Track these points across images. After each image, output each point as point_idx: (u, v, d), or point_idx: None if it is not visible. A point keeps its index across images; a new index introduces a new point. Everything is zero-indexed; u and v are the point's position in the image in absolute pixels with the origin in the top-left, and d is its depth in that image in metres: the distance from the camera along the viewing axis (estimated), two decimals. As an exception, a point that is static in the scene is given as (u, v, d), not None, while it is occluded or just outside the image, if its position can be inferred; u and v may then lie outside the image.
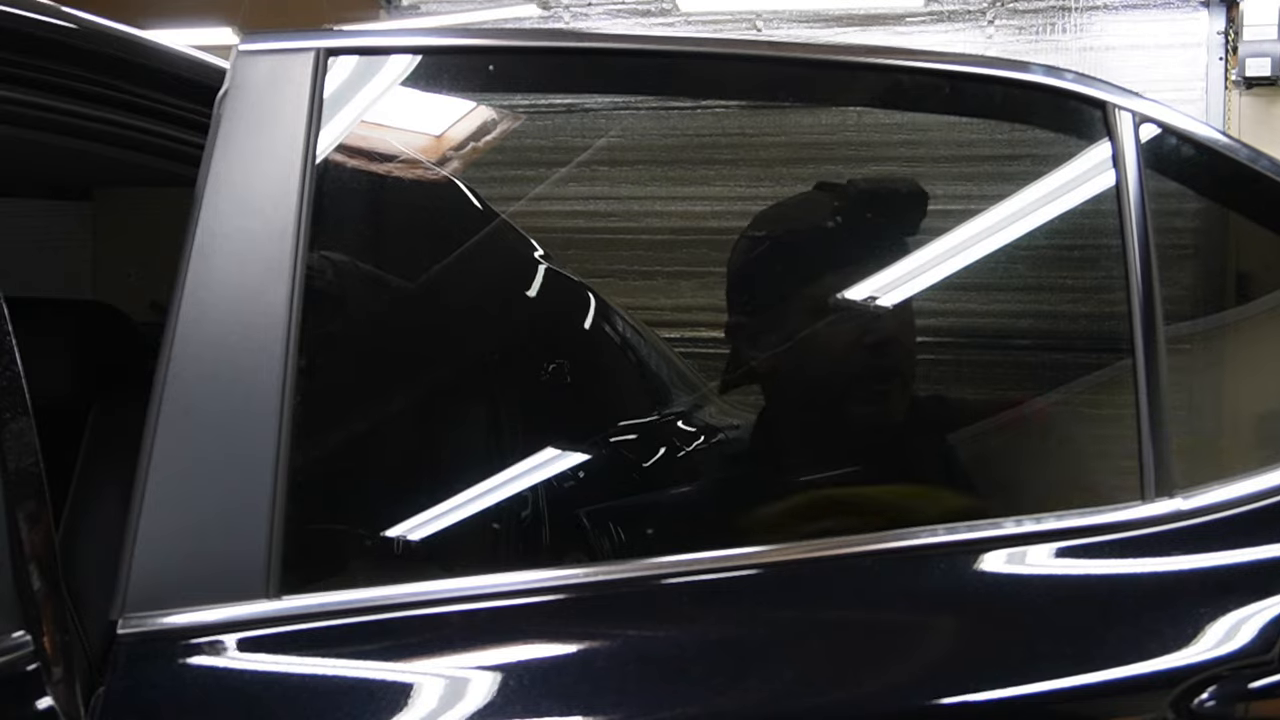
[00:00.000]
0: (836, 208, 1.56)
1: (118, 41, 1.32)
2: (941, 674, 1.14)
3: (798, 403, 1.59)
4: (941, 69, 1.40)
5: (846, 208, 1.55)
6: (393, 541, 1.30)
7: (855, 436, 1.53)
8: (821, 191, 1.65)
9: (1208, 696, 1.14)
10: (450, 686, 1.03)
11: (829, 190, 1.63)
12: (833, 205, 1.57)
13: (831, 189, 1.63)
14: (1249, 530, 1.27)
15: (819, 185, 1.67)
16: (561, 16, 6.49)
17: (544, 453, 1.51)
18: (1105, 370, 1.55)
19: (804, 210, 1.61)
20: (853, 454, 1.52)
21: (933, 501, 1.46)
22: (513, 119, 1.75)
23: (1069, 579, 1.24)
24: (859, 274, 1.53)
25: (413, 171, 1.51)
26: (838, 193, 1.61)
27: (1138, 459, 1.25)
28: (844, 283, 1.52)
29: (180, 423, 1.04)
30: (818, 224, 1.57)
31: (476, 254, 1.62)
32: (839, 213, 1.56)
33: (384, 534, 1.30)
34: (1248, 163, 1.45)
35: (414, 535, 1.30)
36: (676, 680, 1.08)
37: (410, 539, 1.30)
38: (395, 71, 1.27)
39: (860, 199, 1.58)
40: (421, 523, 1.32)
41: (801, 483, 1.48)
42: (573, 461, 1.53)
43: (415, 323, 1.50)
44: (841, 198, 1.58)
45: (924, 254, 1.54)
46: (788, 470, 1.55)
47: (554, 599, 1.12)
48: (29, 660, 0.95)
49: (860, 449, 1.52)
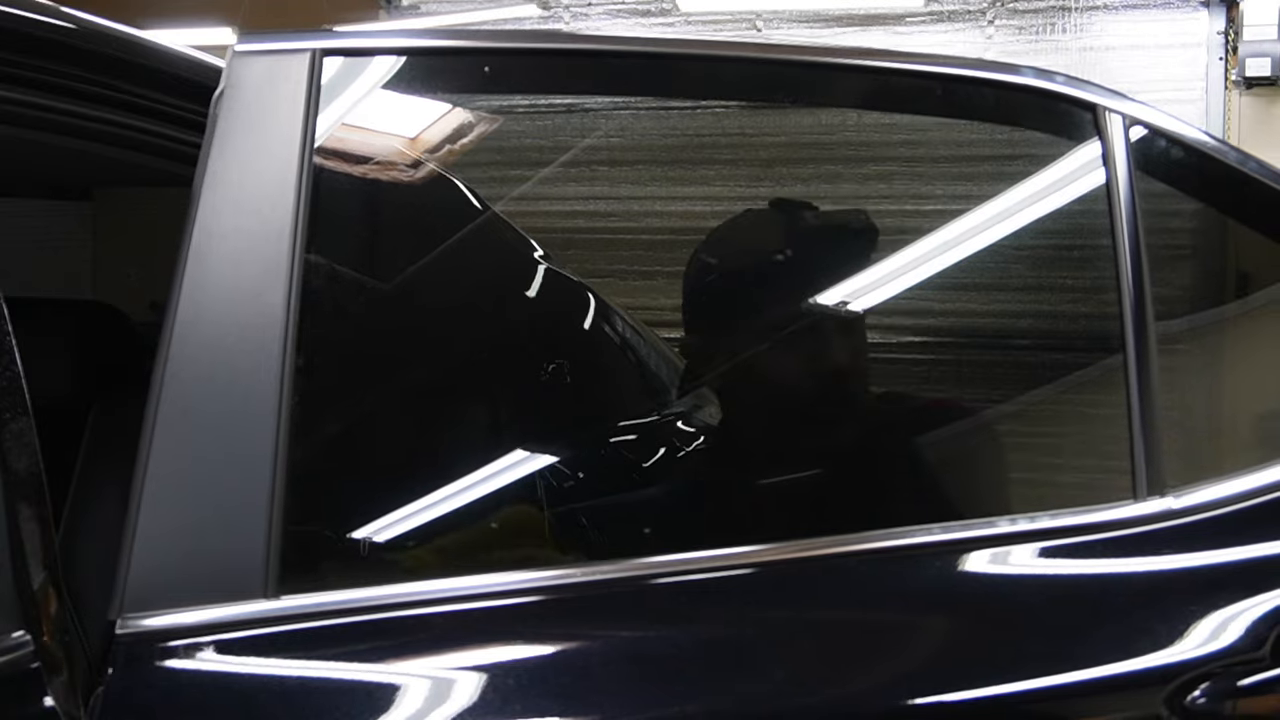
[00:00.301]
0: (787, 238, 1.58)
1: (117, 41, 1.32)
2: (933, 673, 1.15)
3: (746, 418, 1.61)
4: (934, 71, 1.41)
5: (798, 239, 1.57)
6: (391, 541, 1.30)
7: (803, 452, 1.55)
8: (775, 215, 1.66)
9: (1200, 694, 1.14)
10: (447, 686, 1.03)
11: (784, 213, 1.64)
12: (783, 235, 1.58)
13: (786, 212, 1.64)
14: (1240, 529, 1.27)
15: (775, 203, 1.68)
16: (561, 17, 6.50)
17: (544, 453, 1.51)
18: (1094, 369, 1.55)
19: (755, 237, 1.61)
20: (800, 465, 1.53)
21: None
22: (510, 119, 1.75)
23: (1061, 578, 1.24)
24: (806, 301, 1.55)
25: (409, 171, 1.52)
26: (789, 219, 1.62)
27: (1129, 458, 1.25)
28: (791, 309, 1.55)
29: (178, 423, 1.04)
30: (767, 253, 1.58)
31: (475, 254, 1.62)
32: (790, 243, 1.57)
33: (382, 534, 1.30)
34: (1236, 165, 1.45)
35: (413, 535, 1.31)
36: (668, 680, 1.08)
37: (410, 539, 1.30)
38: (391, 72, 1.27)
39: (813, 231, 1.59)
40: (421, 522, 1.32)
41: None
42: (572, 461, 1.53)
43: (413, 322, 1.50)
44: (793, 227, 1.60)
45: (915, 253, 1.55)
46: (739, 481, 1.57)
47: (549, 599, 1.12)
48: (29, 660, 0.95)
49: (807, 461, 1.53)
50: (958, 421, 1.65)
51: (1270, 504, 1.29)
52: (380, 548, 1.29)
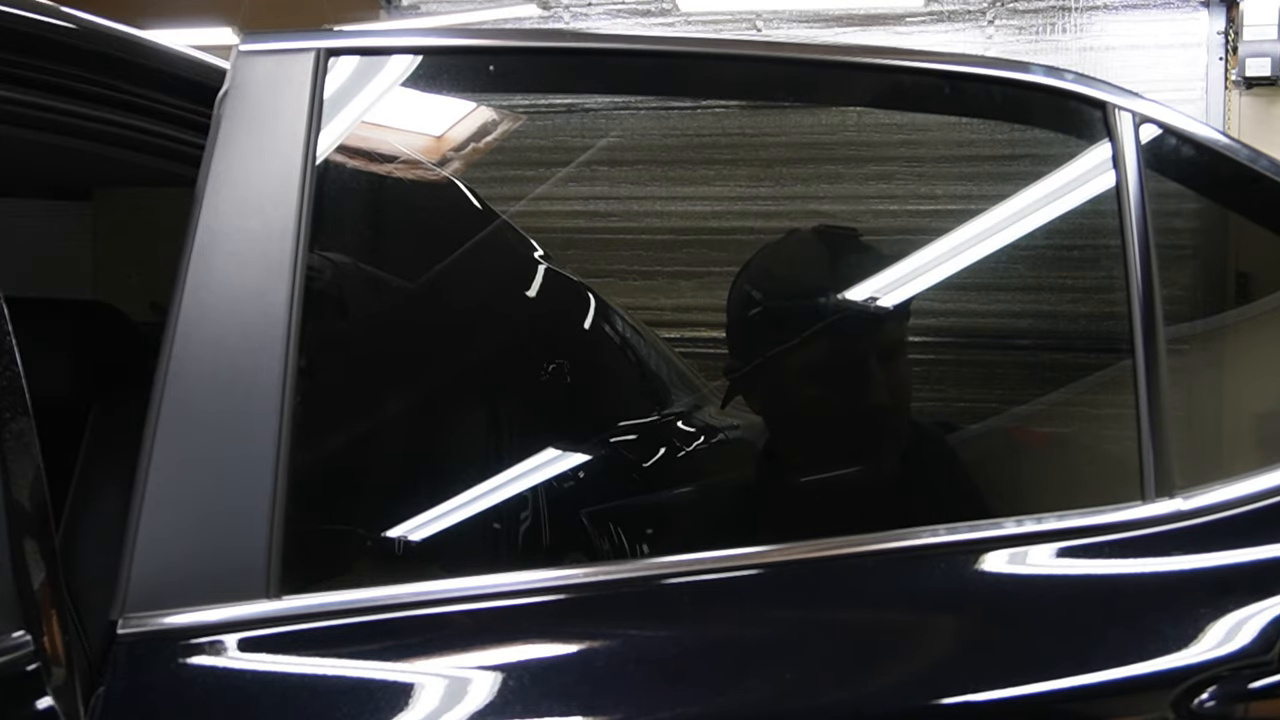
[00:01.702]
0: (833, 260, 1.57)
1: (117, 41, 1.32)
2: (942, 674, 1.14)
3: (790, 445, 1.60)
4: (942, 69, 1.40)
5: (844, 260, 1.57)
6: (393, 541, 1.30)
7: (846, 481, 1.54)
8: (819, 242, 1.65)
9: (1208, 697, 1.14)
10: (451, 687, 1.03)
11: (827, 240, 1.64)
12: (829, 258, 1.58)
13: (832, 238, 1.64)
14: (1249, 531, 1.27)
15: (818, 231, 1.67)
16: (561, 16, 6.50)
17: (544, 453, 1.51)
18: (1106, 370, 1.55)
19: (799, 265, 1.61)
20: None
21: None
22: (513, 119, 1.75)
23: (1070, 579, 1.24)
24: (850, 331, 1.54)
25: (413, 172, 1.51)
26: (835, 244, 1.61)
27: (1138, 459, 1.25)
28: (834, 339, 1.54)
29: (180, 422, 1.04)
30: (814, 283, 1.57)
31: (476, 254, 1.62)
32: (835, 266, 1.57)
33: (384, 533, 1.30)
34: (1247, 163, 1.45)
35: (414, 535, 1.30)
36: (677, 681, 1.08)
37: (411, 539, 1.30)
38: (395, 72, 1.27)
39: (853, 249, 1.59)
40: (422, 523, 1.32)
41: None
42: (573, 462, 1.53)
43: (415, 322, 1.50)
44: (838, 250, 1.59)
45: (919, 254, 1.55)
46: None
47: (554, 599, 1.12)
48: (29, 660, 0.95)
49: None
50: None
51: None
52: (382, 547, 1.29)
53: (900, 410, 1.53)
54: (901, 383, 1.52)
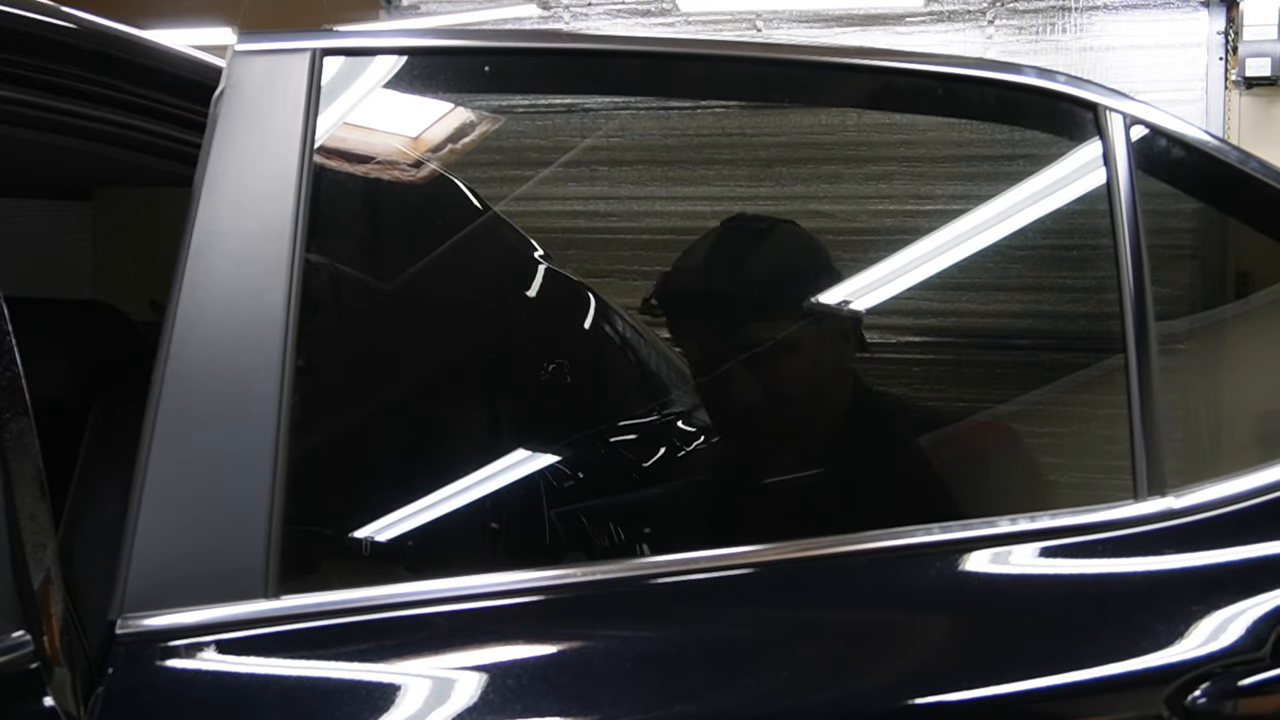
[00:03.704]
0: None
1: (117, 41, 1.32)
2: (935, 673, 1.15)
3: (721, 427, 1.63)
4: (935, 71, 1.41)
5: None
6: (392, 541, 1.30)
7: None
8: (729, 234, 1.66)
9: (1201, 693, 1.14)
10: (448, 686, 1.03)
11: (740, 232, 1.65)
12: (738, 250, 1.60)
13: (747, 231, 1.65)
14: (1240, 529, 1.27)
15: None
16: (561, 16, 6.50)
17: (544, 453, 1.51)
18: (1096, 369, 1.55)
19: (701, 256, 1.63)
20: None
21: None
22: (509, 119, 1.75)
23: (1062, 578, 1.24)
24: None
25: (409, 171, 1.52)
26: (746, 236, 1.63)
27: (1130, 458, 1.25)
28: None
29: (178, 422, 1.04)
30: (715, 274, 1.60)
31: (475, 253, 1.62)
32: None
33: (383, 534, 1.30)
34: (1237, 164, 1.45)
35: (413, 535, 1.31)
36: (670, 680, 1.08)
37: (410, 538, 1.30)
38: (391, 72, 1.27)
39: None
40: (421, 522, 1.32)
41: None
42: (572, 461, 1.53)
43: (413, 322, 1.50)
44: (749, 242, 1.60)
45: (914, 253, 1.55)
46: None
47: (550, 599, 1.12)
48: (29, 660, 0.95)
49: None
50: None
51: (1271, 504, 1.29)
52: (381, 547, 1.29)
53: (797, 404, 1.56)
54: (799, 377, 1.54)
